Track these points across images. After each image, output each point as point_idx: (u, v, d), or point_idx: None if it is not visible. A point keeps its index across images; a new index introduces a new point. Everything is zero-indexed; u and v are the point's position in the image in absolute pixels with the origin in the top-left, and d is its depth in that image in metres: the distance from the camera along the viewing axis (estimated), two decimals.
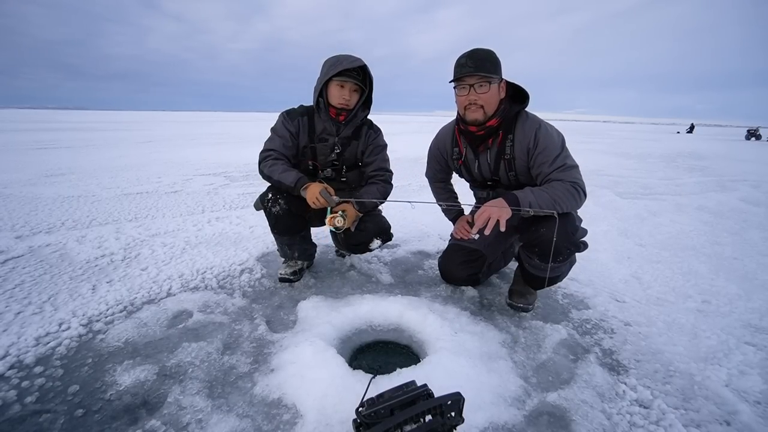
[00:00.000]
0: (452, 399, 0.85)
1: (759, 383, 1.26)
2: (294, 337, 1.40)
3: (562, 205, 1.35)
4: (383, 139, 1.88)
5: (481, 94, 1.42)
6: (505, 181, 1.59)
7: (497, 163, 1.56)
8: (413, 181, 4.88)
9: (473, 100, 1.44)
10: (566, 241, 1.39)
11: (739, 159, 9.20)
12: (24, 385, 1.14)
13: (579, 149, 10.46)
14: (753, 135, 20.40)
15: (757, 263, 2.33)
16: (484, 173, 1.62)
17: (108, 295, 1.68)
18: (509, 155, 1.51)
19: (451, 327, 1.43)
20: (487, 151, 1.57)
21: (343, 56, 1.63)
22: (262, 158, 1.69)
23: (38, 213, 2.98)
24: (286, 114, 1.74)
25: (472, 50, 1.43)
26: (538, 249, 1.44)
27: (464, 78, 1.42)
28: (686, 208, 3.73)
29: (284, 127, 1.71)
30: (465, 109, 1.48)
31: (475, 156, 1.60)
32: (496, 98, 1.46)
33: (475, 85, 1.41)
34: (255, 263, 2.08)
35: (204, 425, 1.03)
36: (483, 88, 1.41)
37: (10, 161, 5.74)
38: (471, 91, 1.43)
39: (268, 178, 1.66)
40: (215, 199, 3.69)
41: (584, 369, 1.30)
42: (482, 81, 1.40)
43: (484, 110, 1.45)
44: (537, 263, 1.48)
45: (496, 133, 1.51)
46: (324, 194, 1.53)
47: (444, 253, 1.86)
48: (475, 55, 1.40)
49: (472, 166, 1.63)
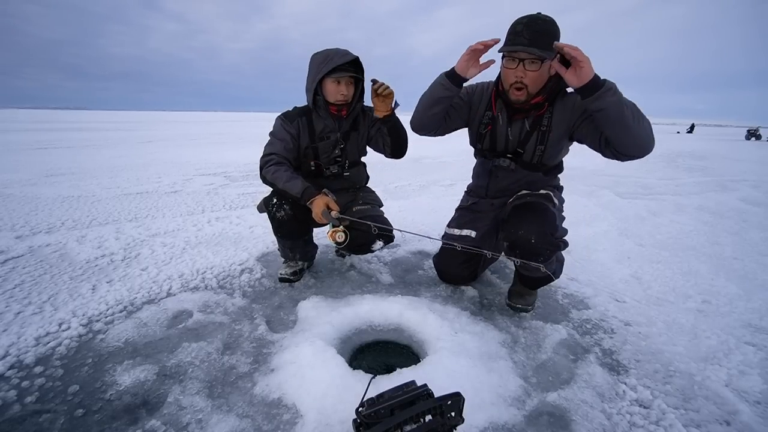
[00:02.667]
0: (452, 399, 0.85)
1: (759, 383, 1.26)
2: (294, 337, 1.40)
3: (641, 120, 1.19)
4: None
5: (530, 72, 1.29)
6: (529, 155, 1.49)
7: (531, 133, 1.45)
8: (413, 181, 4.87)
9: (520, 77, 1.31)
10: (544, 241, 1.37)
11: (739, 159, 9.20)
12: (24, 385, 1.14)
13: (579, 149, 10.43)
14: (753, 135, 20.39)
15: (757, 263, 2.33)
16: (511, 143, 1.51)
17: (108, 295, 1.68)
18: (546, 127, 1.42)
19: (451, 327, 1.43)
20: (525, 120, 1.45)
21: (332, 51, 1.58)
22: (264, 163, 1.63)
23: (38, 213, 2.98)
24: (283, 117, 1.73)
25: (532, 18, 1.26)
26: (519, 251, 1.41)
27: (516, 50, 1.27)
28: (686, 208, 3.72)
29: (284, 130, 1.69)
30: (510, 86, 1.36)
31: (510, 122, 1.48)
32: (545, 77, 1.33)
33: (525, 61, 1.27)
34: (255, 263, 2.08)
35: (204, 425, 1.03)
36: (533, 66, 1.28)
37: (10, 161, 5.74)
38: (519, 67, 1.29)
39: (272, 185, 1.61)
40: (215, 199, 3.69)
41: (584, 369, 1.30)
42: (534, 58, 1.26)
43: (527, 91, 1.33)
44: (523, 264, 1.44)
45: (541, 106, 1.41)
46: (325, 214, 1.48)
47: (440, 252, 1.79)
48: (534, 25, 1.24)
49: (502, 131, 1.51)
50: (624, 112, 1.16)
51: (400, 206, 3.43)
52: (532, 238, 1.35)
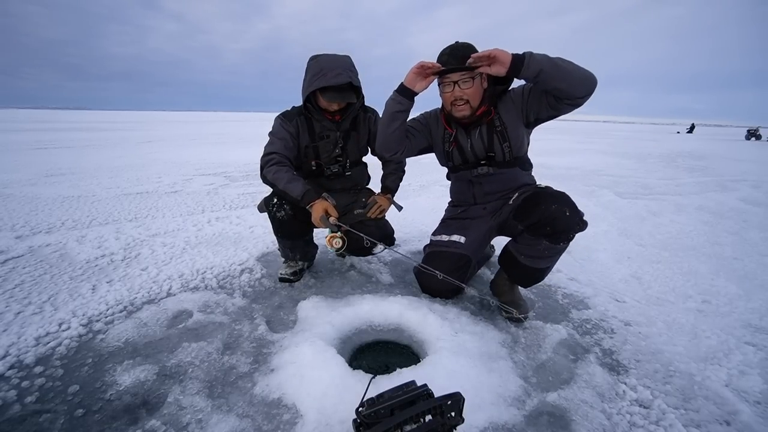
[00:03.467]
0: (452, 399, 0.85)
1: (759, 383, 1.26)
2: (294, 337, 1.40)
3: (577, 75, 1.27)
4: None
5: (466, 90, 1.43)
6: (500, 155, 1.57)
7: (490, 137, 1.56)
8: (413, 181, 4.87)
9: (459, 96, 1.44)
10: (576, 215, 1.36)
11: (739, 159, 9.20)
12: (24, 385, 1.14)
13: (579, 149, 10.47)
14: (753, 135, 20.39)
15: (757, 263, 2.33)
16: (477, 151, 1.60)
17: (108, 295, 1.68)
18: (500, 126, 1.53)
19: (451, 327, 1.43)
20: (479, 128, 1.56)
21: (327, 64, 1.55)
22: (264, 163, 1.63)
23: (38, 213, 2.98)
24: (282, 116, 1.73)
25: (453, 46, 1.43)
26: (549, 228, 1.36)
27: (448, 75, 1.42)
28: (686, 208, 3.72)
29: (283, 129, 1.69)
30: (451, 105, 1.49)
31: (468, 135, 1.59)
32: (480, 90, 1.47)
33: (459, 81, 1.42)
34: (255, 263, 2.08)
35: (204, 425, 1.03)
36: (467, 84, 1.42)
37: (10, 161, 5.75)
38: (456, 88, 1.43)
39: (273, 186, 1.61)
40: (215, 199, 3.69)
41: (584, 369, 1.30)
42: (466, 77, 1.41)
43: (470, 104, 1.46)
44: (540, 249, 1.42)
45: (488, 114, 1.53)
46: (323, 220, 1.49)
47: (425, 262, 1.62)
48: (456, 51, 1.41)
49: (465, 145, 1.61)
50: (555, 61, 1.26)
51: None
52: (567, 211, 1.35)
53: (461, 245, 1.62)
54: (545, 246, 1.42)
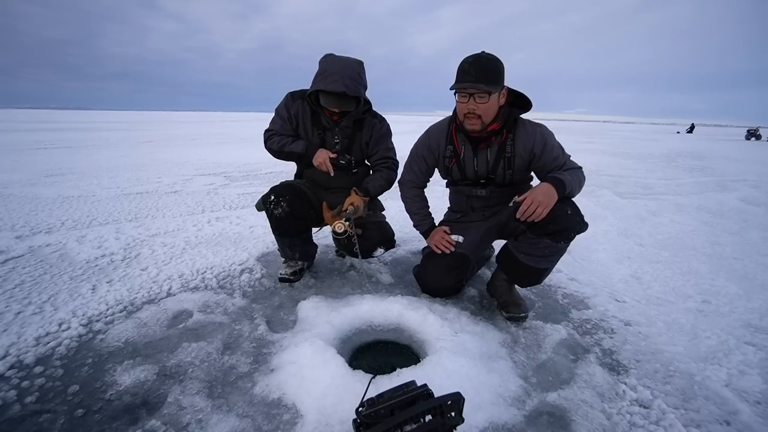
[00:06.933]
0: (452, 399, 0.85)
1: (759, 383, 1.26)
2: (294, 337, 1.40)
3: (581, 187, 1.47)
4: (387, 126, 1.85)
5: (480, 104, 1.42)
6: (500, 178, 1.59)
7: (497, 160, 1.56)
8: None
9: (472, 110, 1.43)
10: (578, 215, 1.39)
11: (739, 159, 9.20)
12: (24, 385, 1.14)
13: (579, 149, 10.46)
14: (753, 135, 20.40)
15: (757, 263, 2.33)
16: (480, 171, 1.61)
17: (108, 295, 1.68)
18: (510, 153, 1.54)
19: (451, 327, 1.43)
20: (488, 149, 1.56)
21: (329, 68, 1.53)
22: (267, 137, 1.77)
23: (38, 213, 2.98)
24: (290, 95, 1.75)
25: (477, 57, 1.40)
26: (551, 225, 1.37)
27: (465, 87, 1.41)
28: (686, 208, 3.73)
29: (285, 108, 1.74)
30: (464, 117, 1.48)
31: (474, 153, 1.59)
32: (495, 107, 1.46)
33: (475, 95, 1.41)
34: (255, 263, 2.08)
35: (204, 425, 1.03)
36: (482, 99, 1.41)
37: (10, 161, 5.74)
38: (470, 100, 1.42)
39: (278, 151, 1.72)
40: (215, 199, 3.69)
41: (584, 369, 1.30)
42: (482, 92, 1.40)
43: (481, 120, 1.45)
44: (541, 247, 1.42)
45: (499, 133, 1.53)
46: (334, 213, 1.59)
47: (423, 262, 1.71)
48: (479, 63, 1.38)
49: (470, 163, 1.62)
50: (575, 190, 1.43)
51: (400, 206, 3.41)
52: (569, 210, 1.37)
53: (460, 245, 1.63)
54: (546, 244, 1.42)
